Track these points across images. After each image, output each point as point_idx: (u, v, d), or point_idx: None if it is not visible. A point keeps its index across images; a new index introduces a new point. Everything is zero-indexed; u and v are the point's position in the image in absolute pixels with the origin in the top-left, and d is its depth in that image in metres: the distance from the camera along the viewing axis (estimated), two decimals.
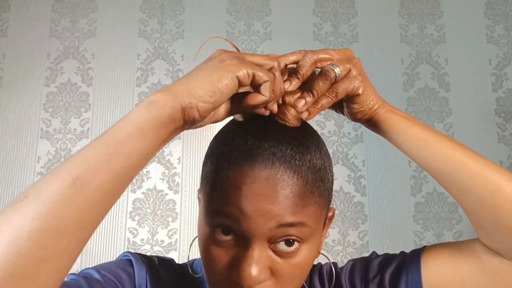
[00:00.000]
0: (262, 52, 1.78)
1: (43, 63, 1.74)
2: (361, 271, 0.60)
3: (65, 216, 0.35)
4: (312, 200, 0.47)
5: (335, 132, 1.72)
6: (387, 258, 0.60)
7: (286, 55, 0.51)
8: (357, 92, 0.50)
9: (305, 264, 0.48)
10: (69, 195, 0.35)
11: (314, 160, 0.48)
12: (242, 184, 0.45)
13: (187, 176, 1.67)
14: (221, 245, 0.47)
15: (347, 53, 0.51)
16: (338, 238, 1.64)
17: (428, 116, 1.76)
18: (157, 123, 0.40)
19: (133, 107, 1.70)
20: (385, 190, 1.69)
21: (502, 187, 0.48)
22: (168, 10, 1.82)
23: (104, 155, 0.37)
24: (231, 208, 0.45)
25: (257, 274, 0.45)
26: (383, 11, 1.86)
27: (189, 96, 0.41)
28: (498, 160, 1.72)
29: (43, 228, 0.34)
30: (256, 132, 0.48)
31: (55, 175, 0.36)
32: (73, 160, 0.38)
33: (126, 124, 0.40)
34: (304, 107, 0.48)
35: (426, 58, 1.82)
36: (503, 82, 1.80)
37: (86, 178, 0.36)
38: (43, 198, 0.35)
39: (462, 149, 0.51)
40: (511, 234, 0.48)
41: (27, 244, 0.33)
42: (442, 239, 1.65)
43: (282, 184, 0.45)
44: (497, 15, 1.87)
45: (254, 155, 0.46)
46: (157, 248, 1.61)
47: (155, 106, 0.40)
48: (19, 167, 1.64)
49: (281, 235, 0.46)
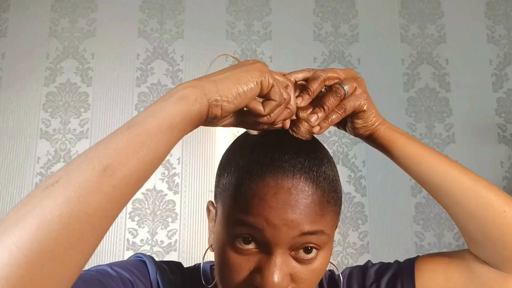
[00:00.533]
0: (262, 52, 1.78)
1: (42, 63, 1.74)
2: (358, 279, 0.64)
3: (94, 202, 0.36)
4: (329, 209, 0.50)
5: (335, 132, 1.72)
6: (383, 267, 0.64)
7: (295, 72, 0.54)
8: (363, 108, 0.54)
9: (321, 270, 0.51)
10: (99, 182, 0.36)
11: (328, 171, 0.51)
12: (266, 194, 0.48)
13: (187, 176, 1.67)
14: (242, 253, 0.49)
15: (352, 73, 0.55)
16: (338, 239, 1.64)
17: (428, 116, 1.76)
18: (186, 118, 0.42)
19: (133, 107, 1.70)
20: (385, 190, 1.68)
21: (491, 201, 0.53)
22: (168, 10, 1.81)
23: (134, 145, 0.39)
24: (256, 218, 0.47)
25: (280, 281, 0.47)
26: (384, 11, 1.85)
27: (217, 94, 0.43)
28: (499, 160, 1.72)
29: (73, 213, 0.35)
30: (274, 145, 0.51)
31: (86, 162, 0.37)
32: (103, 148, 0.38)
33: (156, 116, 0.41)
34: (317, 122, 0.51)
35: (427, 58, 1.81)
36: (503, 83, 1.80)
37: (116, 167, 0.37)
38: (73, 183, 0.35)
39: (456, 166, 0.56)
40: (499, 246, 0.53)
41: (56, 228, 0.34)
42: (442, 239, 1.65)
43: (303, 194, 0.48)
44: (497, 15, 1.87)
45: (276, 166, 0.49)
46: (156, 248, 1.60)
47: (186, 101, 0.42)
48: (18, 167, 1.64)
49: (302, 243, 0.48)
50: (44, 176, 1.63)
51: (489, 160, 1.72)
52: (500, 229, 0.52)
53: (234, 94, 0.43)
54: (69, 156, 1.65)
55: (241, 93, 0.44)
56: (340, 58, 1.79)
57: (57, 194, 0.35)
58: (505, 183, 1.71)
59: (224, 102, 0.43)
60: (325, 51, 1.80)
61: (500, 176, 1.71)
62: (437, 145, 1.73)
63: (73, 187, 0.35)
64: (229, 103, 0.43)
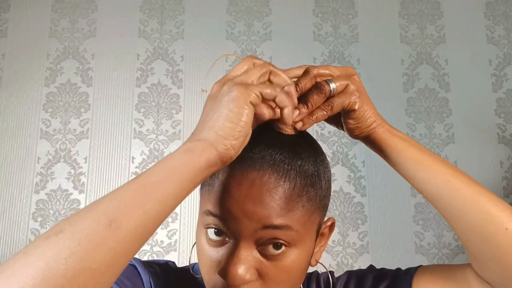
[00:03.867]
0: (262, 52, 1.78)
1: (42, 63, 1.74)
2: (356, 284, 0.62)
3: (99, 256, 0.35)
4: (299, 204, 0.48)
5: (335, 132, 1.72)
6: (382, 274, 0.61)
7: (291, 69, 0.53)
8: (353, 107, 0.51)
9: (293, 268, 0.49)
10: (105, 236, 0.35)
11: (305, 166, 0.49)
12: (230, 185, 0.47)
13: None
14: (212, 245, 0.49)
15: (348, 71, 0.53)
16: (338, 239, 1.64)
17: (428, 116, 1.76)
18: (195, 168, 0.41)
19: (133, 107, 1.70)
20: (385, 190, 1.69)
21: (493, 217, 0.48)
22: (168, 11, 1.81)
23: (139, 198, 0.38)
24: (220, 209, 0.47)
25: (242, 274, 0.46)
26: (383, 12, 1.86)
27: (222, 139, 0.43)
28: (498, 161, 1.72)
29: (77, 267, 0.34)
30: (254, 138, 0.49)
31: (91, 215, 0.36)
32: (109, 200, 0.38)
33: (162, 169, 0.41)
34: (298, 117, 0.50)
35: (426, 59, 1.81)
36: (503, 83, 1.80)
37: (121, 221, 0.37)
38: (79, 237, 0.35)
39: (458, 175, 0.51)
40: (500, 265, 0.48)
41: (61, 283, 0.33)
42: (442, 240, 1.65)
43: (268, 186, 0.46)
44: (497, 15, 1.87)
45: (245, 158, 0.47)
46: (156, 248, 1.60)
47: (193, 153, 0.42)
48: (18, 167, 1.64)
49: (268, 237, 0.47)
50: (45, 176, 1.64)
51: (489, 161, 1.73)
52: (501, 248, 0.47)
53: (237, 129, 0.43)
54: (69, 156, 1.66)
55: (242, 124, 0.43)
56: (339, 58, 1.79)
57: (62, 246, 0.34)
58: (505, 183, 1.71)
59: (233, 141, 0.43)
60: (325, 52, 1.80)
61: (499, 176, 1.72)
62: (437, 145, 1.73)
63: (79, 240, 0.34)
64: (237, 139, 0.43)
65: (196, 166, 0.41)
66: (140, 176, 0.40)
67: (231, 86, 0.45)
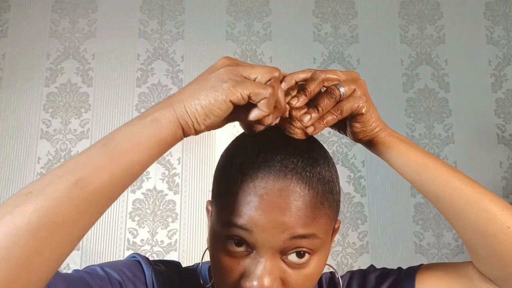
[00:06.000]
0: (262, 52, 1.79)
1: (43, 64, 1.74)
2: (358, 283, 0.62)
3: (63, 213, 0.37)
4: (323, 211, 0.48)
5: (334, 132, 1.73)
6: (384, 273, 0.62)
7: (296, 72, 0.53)
8: (361, 111, 0.51)
9: (314, 275, 0.49)
10: (70, 194, 0.37)
11: (323, 172, 0.50)
12: (256, 195, 0.46)
13: (187, 176, 1.67)
14: (233, 255, 0.48)
15: (353, 75, 0.53)
16: (338, 239, 1.64)
17: (428, 116, 1.76)
18: (161, 141, 0.42)
19: (133, 108, 1.71)
20: (384, 190, 1.69)
21: (495, 216, 0.49)
22: (168, 11, 1.82)
23: (107, 161, 0.39)
24: (245, 220, 0.46)
25: (269, 285, 0.46)
26: (383, 12, 1.86)
27: (186, 116, 0.43)
28: (498, 161, 1.73)
29: (41, 222, 0.36)
30: (267, 144, 0.49)
31: (59, 174, 0.38)
32: (76, 161, 0.39)
33: (129, 136, 0.41)
34: (310, 122, 0.50)
35: (426, 59, 1.82)
36: (502, 83, 1.80)
37: (88, 180, 0.38)
38: (44, 193, 0.37)
39: (460, 176, 0.52)
40: (502, 262, 0.50)
41: (24, 235, 0.35)
42: (442, 240, 1.65)
43: (294, 195, 0.46)
44: (496, 16, 1.87)
45: (267, 167, 0.47)
46: (157, 248, 1.61)
47: (159, 125, 0.42)
48: (19, 167, 1.64)
49: (293, 247, 0.47)
50: None
51: (488, 161, 1.73)
52: (503, 246, 0.49)
53: (203, 116, 0.43)
54: (70, 156, 1.66)
55: (210, 115, 0.43)
56: (339, 58, 1.79)
57: (28, 203, 0.36)
58: (504, 184, 1.71)
59: (196, 124, 0.43)
60: (324, 52, 1.80)
61: (499, 176, 1.72)
62: (436, 145, 1.74)
63: (44, 197, 0.36)
64: (200, 125, 0.43)
65: (162, 138, 0.42)
66: (109, 141, 0.41)
67: (227, 74, 0.43)
